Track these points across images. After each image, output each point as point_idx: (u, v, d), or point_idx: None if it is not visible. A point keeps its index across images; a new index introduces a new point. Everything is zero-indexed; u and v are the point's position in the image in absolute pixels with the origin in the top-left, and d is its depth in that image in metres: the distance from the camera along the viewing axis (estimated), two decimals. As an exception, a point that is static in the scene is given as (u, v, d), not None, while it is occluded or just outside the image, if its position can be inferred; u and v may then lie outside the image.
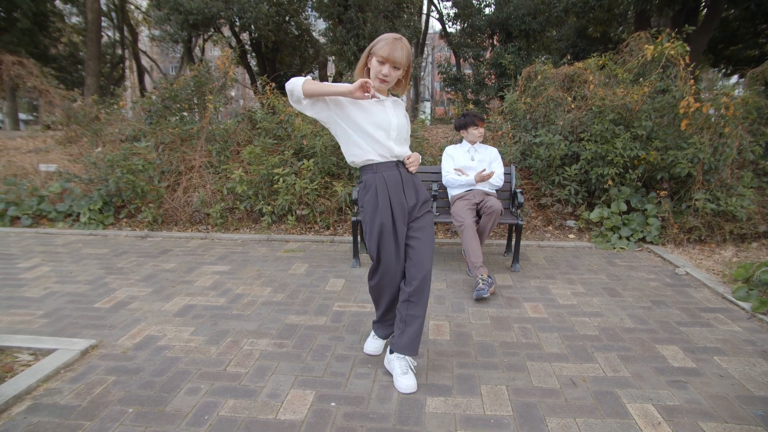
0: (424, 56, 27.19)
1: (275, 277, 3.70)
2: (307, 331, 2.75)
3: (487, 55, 11.05)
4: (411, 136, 5.04)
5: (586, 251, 4.41)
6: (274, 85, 5.84)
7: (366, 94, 1.97)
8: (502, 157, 4.13)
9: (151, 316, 2.99)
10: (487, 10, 13.39)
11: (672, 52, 4.33)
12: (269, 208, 5.03)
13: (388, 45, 2.00)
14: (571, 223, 4.90)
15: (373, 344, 2.49)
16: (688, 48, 4.38)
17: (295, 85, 2.03)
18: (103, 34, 19.21)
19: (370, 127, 2.09)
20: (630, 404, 2.03)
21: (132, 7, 17.34)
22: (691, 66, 4.42)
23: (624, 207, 4.63)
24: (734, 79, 15.62)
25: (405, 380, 2.16)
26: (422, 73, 28.06)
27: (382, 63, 2.02)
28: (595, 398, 2.09)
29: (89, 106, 6.69)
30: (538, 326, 2.82)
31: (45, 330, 2.80)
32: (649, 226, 4.51)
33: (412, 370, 2.21)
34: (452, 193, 3.86)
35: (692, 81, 4.31)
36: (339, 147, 5.30)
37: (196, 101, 5.91)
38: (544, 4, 9.71)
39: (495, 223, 3.51)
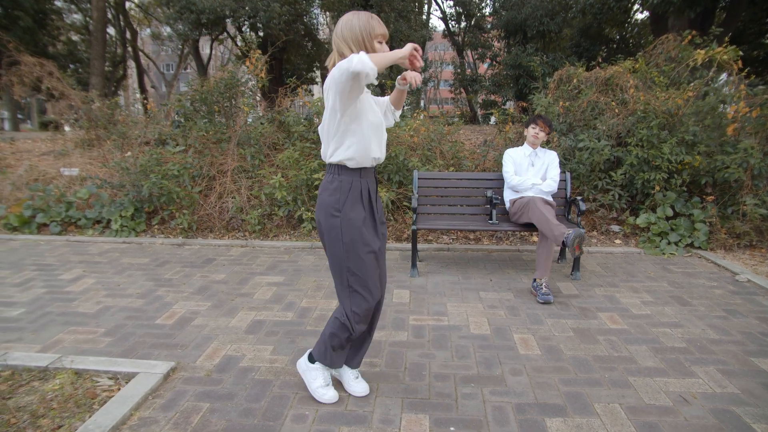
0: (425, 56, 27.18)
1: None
2: (393, 348, 2.68)
3: (503, 55, 11.02)
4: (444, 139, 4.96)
5: (636, 257, 4.39)
6: (290, 89, 5.72)
7: (417, 64, 1.79)
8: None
9: (222, 334, 2.89)
10: (486, 10, 13.36)
11: (725, 57, 4.32)
12: (310, 214, 4.94)
13: (377, 20, 1.88)
14: (616, 228, 4.88)
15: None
16: (741, 53, 4.37)
17: (365, 65, 1.63)
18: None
19: (371, 127, 1.92)
20: (756, 424, 2.00)
21: (132, 5, 17.04)
22: (745, 71, 4.42)
23: (670, 212, 4.62)
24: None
25: (358, 385, 2.24)
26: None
27: (381, 43, 1.88)
28: (715, 417, 2.05)
29: (108, 107, 6.53)
30: (623, 338, 2.78)
31: (113, 350, 2.69)
32: (697, 231, 4.50)
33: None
34: (509, 196, 3.83)
35: (743, 86, 4.31)
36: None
37: (226, 104, 5.78)
38: (560, 5, 9.69)
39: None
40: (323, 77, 18.80)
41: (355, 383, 2.25)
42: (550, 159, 3.84)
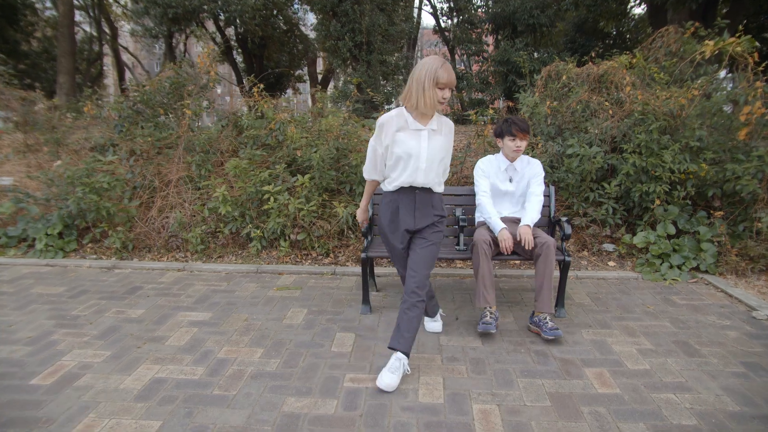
0: (416, 52, 26.50)
1: (267, 331, 2.99)
2: (313, 428, 2.05)
3: (491, 50, 10.37)
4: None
5: (633, 284, 3.76)
6: (262, 86, 5.08)
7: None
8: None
9: (105, 401, 2.26)
10: (478, 1, 12.70)
11: (738, 49, 3.68)
12: (258, 232, 4.31)
13: (446, 71, 2.24)
14: (609, 247, 4.25)
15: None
16: (757, 44, 3.73)
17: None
18: (80, 29, 18.19)
19: (404, 155, 2.38)
20: None
21: (111, 0, 16.33)
22: (763, 65, 3.78)
23: (672, 229, 3.99)
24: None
25: (387, 377, 2.33)
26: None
27: (442, 89, 2.27)
28: None
29: (50, 109, 5.87)
30: (613, 410, 2.15)
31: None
32: (703, 253, 3.88)
33: (404, 370, 2.38)
34: (479, 217, 3.21)
35: (759, 83, 3.67)
36: (338, 160, 4.59)
37: (174, 105, 5.14)
38: (552, -3, 9.07)
39: (553, 262, 2.84)
40: (311, 75, 18.17)
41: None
42: (533, 173, 3.16)
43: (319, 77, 17.54)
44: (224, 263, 4.30)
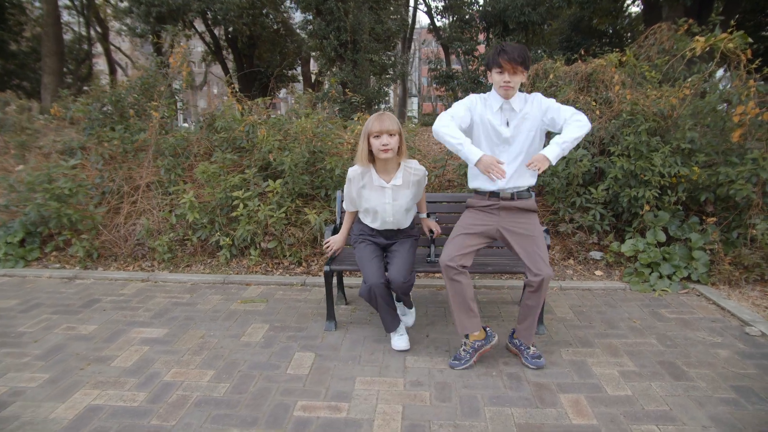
0: (412, 51, 26.33)
1: (222, 350, 2.77)
2: (249, 469, 1.83)
3: (482, 49, 10.15)
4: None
5: (620, 295, 3.55)
6: (237, 87, 4.87)
7: None
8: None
9: (29, 433, 2.05)
10: (480, 0, 12.49)
11: (730, 45, 3.46)
12: (227, 239, 4.09)
13: (379, 120, 2.43)
14: (597, 255, 4.04)
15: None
16: (750, 40, 3.51)
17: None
18: (69, 28, 17.97)
19: (371, 209, 2.65)
20: None
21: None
22: (756, 63, 3.55)
23: (662, 237, 3.78)
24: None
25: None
26: (410, 69, 27.19)
27: (378, 136, 2.42)
28: None
29: (22, 111, 5.66)
30: (588, 445, 1.94)
31: None
32: (695, 261, 3.66)
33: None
34: (472, 184, 2.57)
35: (752, 82, 3.44)
36: (312, 164, 4.37)
37: (145, 107, 4.92)
38: (544, -6, 8.84)
39: (544, 297, 2.48)
40: (304, 75, 17.95)
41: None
42: (540, 107, 2.39)
43: (313, 77, 17.32)
44: (191, 273, 4.08)
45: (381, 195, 2.58)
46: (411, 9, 19.45)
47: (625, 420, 2.09)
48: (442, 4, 14.76)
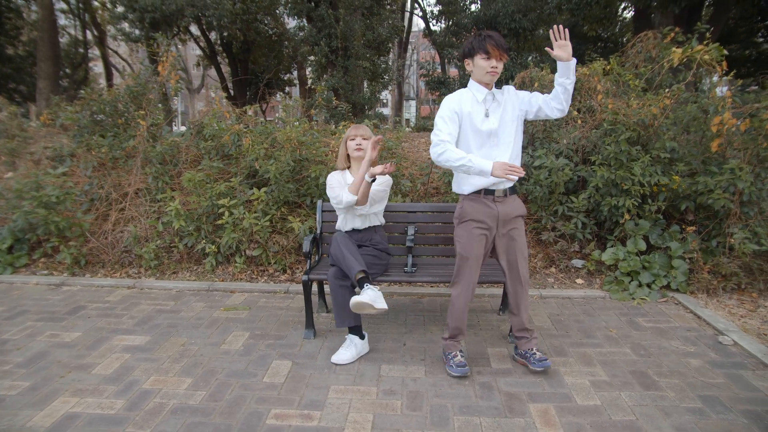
0: (409, 54, 26.40)
1: (202, 358, 2.81)
2: (217, 479, 1.87)
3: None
4: (388, 151, 4.23)
5: (599, 304, 3.59)
6: (224, 95, 4.91)
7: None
8: None
9: (4, 442, 2.09)
10: (473, 7, 12.57)
11: (706, 57, 3.51)
12: (213, 247, 4.13)
13: (354, 127, 2.98)
14: (578, 263, 4.08)
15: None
16: (725, 52, 3.57)
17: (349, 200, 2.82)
18: (66, 32, 18.02)
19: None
20: None
21: (97, 3, 16.13)
22: (731, 74, 3.61)
23: (643, 245, 3.82)
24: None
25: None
26: (406, 72, 27.26)
27: (353, 139, 2.92)
28: None
29: (10, 118, 5.70)
30: (553, 455, 1.98)
31: None
32: (674, 270, 3.71)
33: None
34: (463, 189, 2.56)
35: (729, 93, 3.50)
36: (297, 173, 4.41)
37: (134, 114, 4.96)
38: (534, 1, 8.88)
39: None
40: (300, 80, 18.00)
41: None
42: (516, 97, 2.50)
43: (309, 81, 17.37)
44: (177, 280, 4.12)
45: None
46: (407, 14, 19.55)
47: (592, 430, 2.13)
48: (438, 8, 14.86)
